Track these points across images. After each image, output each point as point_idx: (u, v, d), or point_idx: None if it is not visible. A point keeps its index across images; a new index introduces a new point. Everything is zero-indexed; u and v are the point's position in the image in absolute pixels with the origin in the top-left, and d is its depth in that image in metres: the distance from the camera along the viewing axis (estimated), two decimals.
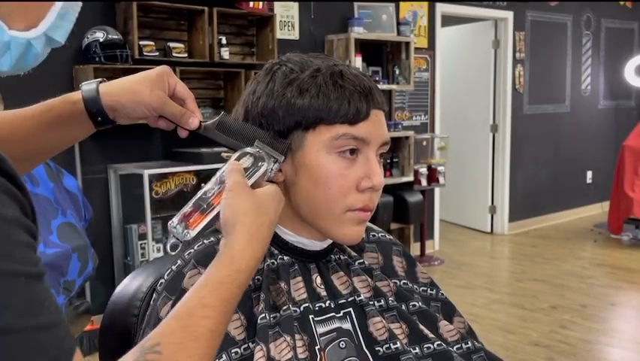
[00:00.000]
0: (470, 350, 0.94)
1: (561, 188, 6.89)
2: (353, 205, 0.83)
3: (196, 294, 0.67)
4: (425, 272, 1.03)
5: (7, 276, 0.44)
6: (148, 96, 0.80)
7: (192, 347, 0.63)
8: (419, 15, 5.43)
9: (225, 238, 0.72)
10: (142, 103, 0.81)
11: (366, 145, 0.83)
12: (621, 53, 7.31)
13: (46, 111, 0.83)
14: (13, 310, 0.44)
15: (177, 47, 3.87)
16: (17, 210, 0.48)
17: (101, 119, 0.82)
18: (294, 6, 4.59)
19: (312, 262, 0.89)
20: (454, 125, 6.20)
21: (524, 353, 3.43)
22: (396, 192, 4.95)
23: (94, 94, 0.81)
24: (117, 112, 0.82)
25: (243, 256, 0.70)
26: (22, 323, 0.44)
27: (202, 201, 0.76)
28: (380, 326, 0.87)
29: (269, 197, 0.76)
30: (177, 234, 0.75)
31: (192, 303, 0.66)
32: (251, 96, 0.86)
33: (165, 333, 0.63)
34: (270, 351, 0.78)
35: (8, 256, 0.45)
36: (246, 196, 0.74)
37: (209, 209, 0.75)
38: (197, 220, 0.75)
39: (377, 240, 1.01)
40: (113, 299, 0.96)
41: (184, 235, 0.75)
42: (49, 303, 0.47)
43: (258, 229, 0.72)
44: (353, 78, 0.83)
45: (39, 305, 0.46)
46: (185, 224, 0.75)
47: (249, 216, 0.72)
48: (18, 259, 0.46)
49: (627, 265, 5.21)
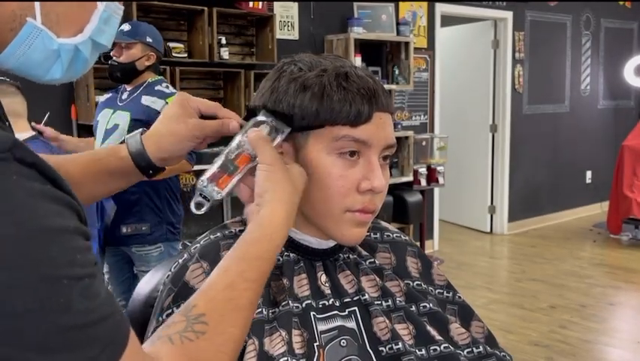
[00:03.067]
0: (481, 355, 0.93)
1: (560, 188, 6.89)
2: (352, 206, 0.83)
3: (236, 267, 0.70)
4: (442, 274, 1.01)
5: (73, 280, 0.50)
6: (186, 130, 0.84)
7: (235, 318, 0.67)
8: (418, 15, 5.44)
9: (261, 210, 0.75)
10: (185, 139, 0.84)
11: (367, 147, 0.83)
12: (621, 53, 7.32)
13: (92, 162, 0.88)
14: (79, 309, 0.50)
15: (177, 47, 3.87)
16: (76, 219, 0.54)
17: (152, 171, 0.87)
18: (293, 6, 4.60)
19: (319, 260, 0.89)
20: (454, 125, 6.20)
21: (524, 352, 3.43)
22: (395, 192, 4.95)
23: (140, 148, 0.85)
24: (165, 159, 0.87)
25: (281, 233, 0.74)
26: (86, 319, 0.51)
27: (229, 163, 0.80)
28: (383, 326, 0.86)
29: (300, 175, 0.80)
30: (208, 193, 0.79)
31: (233, 276, 0.69)
32: (259, 93, 0.87)
33: (210, 304, 0.66)
34: (264, 345, 0.78)
35: (73, 262, 0.51)
36: (284, 172, 0.77)
37: (236, 170, 0.79)
38: (227, 181, 0.79)
39: (391, 240, 1.00)
40: (137, 291, 1.01)
41: (215, 194, 0.79)
42: (106, 294, 0.54)
43: (292, 207, 0.77)
44: (357, 80, 0.82)
45: (99, 299, 0.53)
46: (215, 183, 0.79)
47: (286, 194, 0.76)
48: (80, 264, 0.52)
49: (626, 265, 5.21)
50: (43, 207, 0.51)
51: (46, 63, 0.62)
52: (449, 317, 0.95)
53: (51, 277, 0.49)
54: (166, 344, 0.62)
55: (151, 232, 2.61)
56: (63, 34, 0.61)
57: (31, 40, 0.59)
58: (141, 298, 0.99)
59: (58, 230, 0.51)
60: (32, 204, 0.50)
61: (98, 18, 0.64)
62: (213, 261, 0.83)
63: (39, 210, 0.50)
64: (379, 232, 1.00)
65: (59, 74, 0.63)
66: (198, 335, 0.63)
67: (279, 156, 0.78)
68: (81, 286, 0.51)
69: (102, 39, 0.66)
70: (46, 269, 0.49)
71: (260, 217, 0.74)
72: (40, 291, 0.48)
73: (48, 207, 0.51)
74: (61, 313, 0.49)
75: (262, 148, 0.78)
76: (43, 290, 0.48)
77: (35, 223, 0.49)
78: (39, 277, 0.48)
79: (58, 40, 0.61)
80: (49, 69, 0.62)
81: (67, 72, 0.64)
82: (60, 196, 0.53)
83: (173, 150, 0.85)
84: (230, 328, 0.66)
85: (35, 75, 0.63)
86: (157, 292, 0.94)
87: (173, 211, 2.68)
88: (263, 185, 0.76)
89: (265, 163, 0.77)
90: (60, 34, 0.61)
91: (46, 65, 0.62)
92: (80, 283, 0.51)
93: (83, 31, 0.63)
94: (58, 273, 0.50)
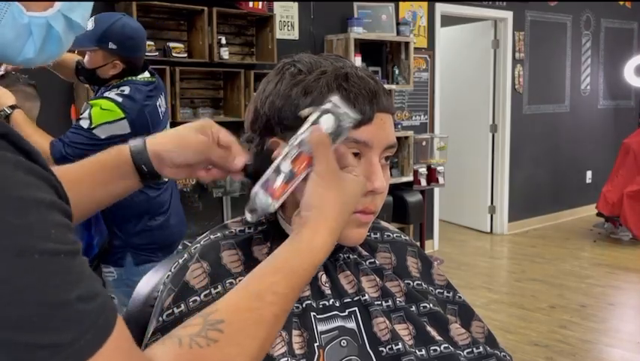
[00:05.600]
0: (481, 355, 0.93)
1: (561, 188, 6.89)
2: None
3: (268, 278, 0.67)
4: (442, 274, 1.01)
5: (46, 255, 0.48)
6: (194, 139, 0.83)
7: (255, 330, 0.63)
8: (419, 15, 5.44)
9: (305, 224, 0.72)
10: (188, 147, 0.83)
11: (368, 148, 0.82)
12: (621, 52, 7.32)
13: (94, 163, 0.86)
14: (54, 285, 0.48)
15: (177, 46, 3.87)
16: (54, 194, 0.52)
17: (146, 168, 0.84)
18: (293, 6, 4.60)
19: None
20: (454, 125, 6.20)
21: (524, 352, 3.43)
22: (395, 192, 4.95)
23: (141, 145, 0.85)
24: (162, 160, 0.84)
25: (322, 251, 0.71)
26: (63, 296, 0.48)
27: (285, 168, 0.73)
28: (383, 326, 0.86)
29: (356, 189, 0.76)
30: (262, 204, 0.73)
31: (263, 286, 0.66)
32: (260, 95, 0.86)
33: (231, 311, 0.63)
34: None
35: (47, 237, 0.49)
36: (336, 187, 0.73)
37: (293, 178, 0.73)
38: (282, 190, 0.73)
39: (392, 240, 1.00)
40: (137, 291, 1.00)
41: (269, 206, 0.73)
42: (88, 275, 0.52)
43: (339, 224, 0.73)
44: (358, 81, 0.82)
45: (79, 279, 0.50)
46: (270, 194, 0.73)
47: (335, 210, 0.72)
48: (55, 239, 0.49)
49: (626, 265, 5.21)
50: (16, 176, 0.49)
51: (19, 41, 0.61)
52: (449, 317, 0.95)
53: (22, 250, 0.47)
54: (174, 344, 0.60)
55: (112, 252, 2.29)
56: (33, 8, 0.60)
57: (0, 15, 0.58)
58: (141, 298, 0.98)
59: (32, 201, 0.49)
60: (3, 172, 0.48)
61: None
62: (214, 261, 0.83)
63: (10, 180, 0.48)
64: (379, 232, 1.00)
65: (32, 53, 0.62)
66: (210, 342, 0.60)
67: (335, 167, 0.74)
68: (55, 262, 0.49)
69: (75, 15, 0.64)
70: (17, 239, 0.47)
71: (301, 235, 0.71)
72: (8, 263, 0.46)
73: (21, 177, 0.49)
74: (32, 290, 0.47)
75: (320, 155, 0.73)
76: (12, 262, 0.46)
77: (6, 192, 0.47)
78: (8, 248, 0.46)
79: (28, 13, 0.60)
80: (22, 48, 0.61)
81: (41, 52, 0.63)
82: (36, 169, 0.51)
83: (172, 150, 0.84)
84: (247, 340, 0.62)
85: (8, 56, 0.61)
86: (157, 292, 0.94)
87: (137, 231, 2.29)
88: (310, 199, 0.72)
89: (318, 175, 0.73)
90: (30, 8, 0.60)
91: (19, 44, 0.61)
92: (55, 260, 0.49)
93: (53, 5, 0.62)
94: (31, 245, 0.47)
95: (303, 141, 0.73)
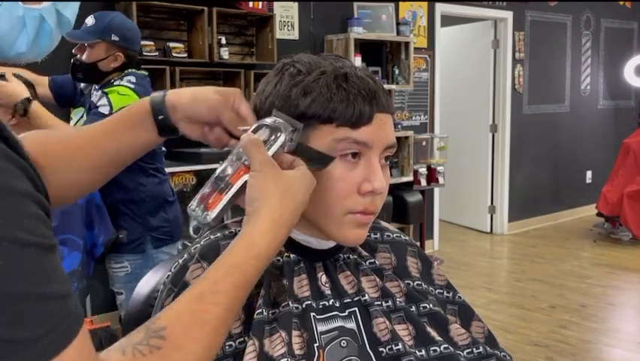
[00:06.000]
0: (481, 356, 0.93)
1: (561, 188, 6.89)
2: (353, 208, 0.83)
3: (210, 276, 0.66)
4: (442, 274, 1.01)
5: (16, 244, 0.46)
6: (209, 96, 0.83)
7: (198, 334, 0.62)
8: (419, 15, 5.44)
9: (248, 221, 0.72)
10: (202, 100, 0.83)
11: (368, 149, 0.82)
12: (621, 52, 7.32)
13: (107, 120, 0.87)
14: (20, 277, 0.46)
15: (177, 46, 3.87)
16: (30, 185, 0.50)
17: (162, 117, 0.84)
18: (293, 6, 4.60)
19: (319, 261, 0.89)
20: (454, 125, 6.20)
21: (524, 352, 3.43)
22: (395, 192, 4.95)
23: (161, 96, 0.85)
24: (177, 111, 0.84)
25: (263, 241, 0.69)
26: (29, 289, 0.46)
27: (220, 181, 0.74)
28: (383, 326, 0.86)
29: (298, 180, 0.74)
30: (197, 217, 0.73)
31: (204, 287, 0.65)
32: (260, 95, 0.86)
33: (173, 316, 0.62)
34: (265, 346, 0.78)
35: (18, 226, 0.47)
36: (274, 177, 0.73)
37: (228, 188, 0.73)
38: (217, 201, 0.73)
39: (392, 240, 1.00)
40: (137, 291, 1.00)
41: (204, 218, 0.73)
42: (59, 274, 0.49)
43: (281, 213, 0.71)
44: (357, 81, 0.82)
45: (48, 275, 0.48)
46: (204, 206, 0.73)
47: (274, 200, 0.71)
48: (27, 230, 0.47)
49: (626, 265, 5.21)
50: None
51: (12, 34, 0.61)
52: (449, 318, 0.95)
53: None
54: (118, 353, 0.58)
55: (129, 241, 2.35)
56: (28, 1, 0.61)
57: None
58: (141, 298, 0.99)
59: (6, 188, 0.47)
60: None
61: None
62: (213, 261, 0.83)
63: None
64: (379, 232, 1.00)
65: (25, 47, 0.62)
66: (152, 349, 0.59)
67: (270, 161, 0.74)
68: (25, 253, 0.47)
69: (66, 11, 0.65)
70: None
71: (245, 228, 0.71)
72: None
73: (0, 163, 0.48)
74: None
75: (252, 154, 0.74)
76: None
77: None
78: None
79: (24, 5, 0.60)
80: (15, 41, 0.61)
81: (33, 46, 0.63)
82: (13, 156, 0.50)
83: (187, 103, 0.84)
84: (190, 344, 0.61)
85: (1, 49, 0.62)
86: (157, 292, 0.94)
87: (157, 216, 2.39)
88: (250, 193, 0.72)
89: (254, 170, 0.73)
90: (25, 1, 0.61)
91: (12, 37, 0.61)
92: (25, 251, 0.47)
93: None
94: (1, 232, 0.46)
95: (239, 153, 0.75)
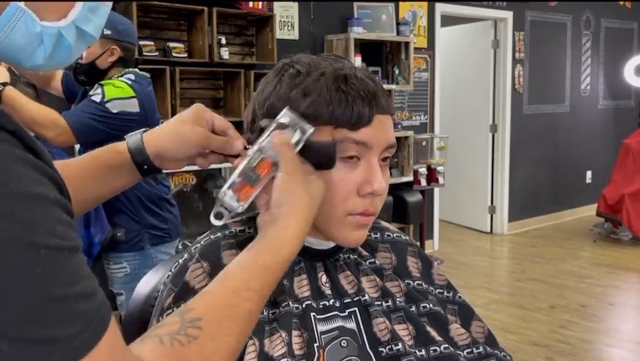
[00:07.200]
0: (481, 355, 0.93)
1: (560, 188, 6.89)
2: (353, 210, 0.83)
3: (242, 276, 0.69)
4: (442, 274, 1.01)
5: (52, 250, 0.49)
6: (191, 134, 0.83)
7: (231, 327, 0.65)
8: (419, 15, 5.44)
9: (275, 222, 0.73)
10: (186, 142, 0.83)
11: (368, 150, 0.82)
12: (621, 53, 7.32)
13: (91, 160, 0.87)
14: (59, 280, 0.49)
15: (177, 46, 3.87)
16: (57, 191, 0.53)
17: (147, 167, 0.85)
18: (293, 6, 4.60)
19: (319, 261, 0.89)
20: (454, 125, 6.20)
21: (524, 352, 3.43)
22: (395, 192, 4.95)
23: (139, 143, 0.85)
24: (162, 158, 0.85)
25: (293, 246, 0.73)
26: (68, 291, 0.50)
27: (251, 172, 0.76)
28: (383, 326, 0.86)
29: (319, 188, 0.77)
30: (230, 206, 0.75)
31: (237, 283, 0.68)
32: (259, 96, 0.86)
33: (209, 309, 0.65)
34: (265, 346, 0.79)
35: (53, 233, 0.50)
36: (303, 183, 0.75)
37: (258, 180, 0.76)
38: (248, 192, 0.76)
39: (392, 240, 1.00)
40: (137, 291, 1.00)
41: (237, 207, 0.76)
42: (86, 271, 0.53)
43: (308, 219, 0.75)
44: (357, 82, 0.82)
45: (80, 274, 0.52)
46: (237, 196, 0.75)
47: (303, 205, 0.74)
48: (60, 235, 0.50)
49: (626, 264, 5.22)
50: (24, 172, 0.50)
51: (29, 48, 0.61)
52: (449, 317, 0.95)
53: (29, 243, 0.48)
54: (155, 343, 0.61)
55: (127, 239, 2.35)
56: (47, 18, 0.61)
57: (14, 21, 0.58)
58: (141, 298, 0.98)
59: (38, 197, 0.50)
60: (13, 168, 0.49)
61: (83, 4, 0.63)
62: (214, 261, 0.83)
63: (19, 175, 0.49)
64: (380, 232, 1.00)
65: (41, 60, 0.62)
66: (190, 339, 0.62)
67: (300, 166, 0.76)
68: (61, 257, 0.50)
69: (88, 27, 0.65)
70: (23, 234, 0.48)
71: (273, 230, 0.73)
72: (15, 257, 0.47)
73: (29, 173, 0.50)
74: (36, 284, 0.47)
75: (285, 156, 0.75)
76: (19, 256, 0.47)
77: (15, 187, 0.48)
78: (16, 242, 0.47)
79: (41, 23, 0.60)
80: (32, 54, 0.62)
81: (50, 59, 0.63)
82: (41, 165, 0.52)
83: (172, 149, 0.84)
84: (224, 336, 0.64)
85: (18, 60, 0.62)
86: (157, 292, 0.94)
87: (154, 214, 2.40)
88: (280, 196, 0.74)
89: (286, 173, 0.75)
90: (44, 17, 0.60)
91: (29, 50, 0.61)
92: (60, 255, 0.50)
93: (66, 16, 0.62)
94: (37, 240, 0.48)
95: (265, 147, 0.76)
